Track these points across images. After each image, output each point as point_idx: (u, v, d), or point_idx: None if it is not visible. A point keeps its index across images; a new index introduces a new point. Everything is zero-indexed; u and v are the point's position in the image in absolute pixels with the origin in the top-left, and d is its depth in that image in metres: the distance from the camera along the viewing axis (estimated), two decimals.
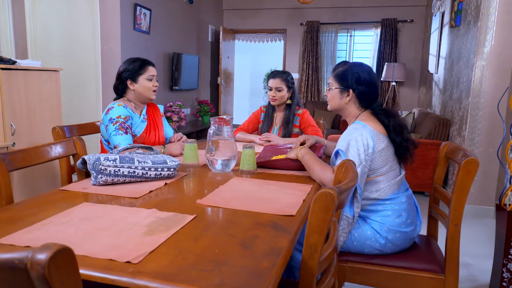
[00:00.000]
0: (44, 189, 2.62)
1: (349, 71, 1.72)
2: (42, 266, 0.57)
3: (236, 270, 0.86)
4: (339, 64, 1.81)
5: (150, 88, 2.06)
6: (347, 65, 1.79)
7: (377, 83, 1.75)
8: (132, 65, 2.04)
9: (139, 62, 2.07)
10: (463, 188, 1.48)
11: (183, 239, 1.01)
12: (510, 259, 2.00)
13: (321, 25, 6.64)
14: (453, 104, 4.15)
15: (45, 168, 2.65)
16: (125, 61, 2.08)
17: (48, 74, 2.63)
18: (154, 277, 0.81)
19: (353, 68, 1.73)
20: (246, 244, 0.99)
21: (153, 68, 2.10)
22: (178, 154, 2.03)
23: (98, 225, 1.08)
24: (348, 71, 1.73)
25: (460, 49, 4.00)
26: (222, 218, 1.17)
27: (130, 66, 2.03)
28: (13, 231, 1.03)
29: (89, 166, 1.45)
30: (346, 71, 1.74)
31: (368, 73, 1.72)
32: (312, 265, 1.01)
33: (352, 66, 1.76)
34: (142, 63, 2.08)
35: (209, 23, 6.54)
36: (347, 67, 1.76)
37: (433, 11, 5.44)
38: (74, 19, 4.21)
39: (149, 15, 4.60)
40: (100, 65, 4.20)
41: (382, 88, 6.51)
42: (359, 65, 1.77)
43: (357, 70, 1.72)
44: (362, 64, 1.79)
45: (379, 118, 1.69)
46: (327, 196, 0.96)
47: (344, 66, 1.79)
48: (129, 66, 2.03)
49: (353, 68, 1.73)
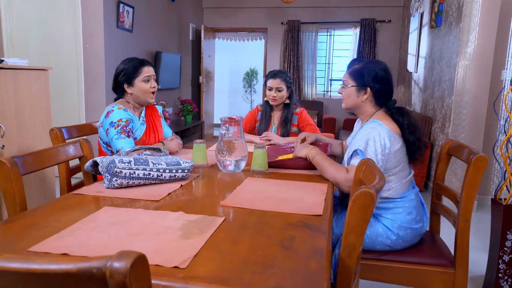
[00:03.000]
0: (35, 193, 2.52)
1: (366, 69, 1.71)
2: (123, 275, 0.56)
3: (286, 273, 0.85)
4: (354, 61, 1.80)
5: (147, 90, 1.97)
6: (363, 62, 1.77)
7: (392, 80, 1.76)
8: (127, 66, 1.95)
9: (133, 63, 1.97)
10: (473, 184, 1.53)
11: (221, 242, 0.99)
12: (505, 251, 2.09)
13: (302, 24, 6.70)
14: (435, 102, 4.28)
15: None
16: (123, 61, 2.01)
17: (37, 74, 2.53)
18: (209, 281, 0.80)
19: (369, 66, 1.72)
20: (286, 245, 0.98)
21: (148, 68, 2.00)
22: (175, 151, 2.04)
23: (129, 229, 1.05)
24: (365, 68, 1.72)
25: (442, 49, 4.13)
26: (251, 219, 1.16)
27: (125, 68, 1.95)
28: (41, 237, 0.98)
29: (102, 168, 1.41)
30: (362, 68, 1.72)
31: (385, 70, 1.72)
32: (350, 265, 1.02)
33: (369, 64, 1.74)
34: (136, 64, 1.97)
35: (190, 22, 6.46)
36: (363, 65, 1.74)
37: (412, 12, 5.59)
38: (53, 16, 4.06)
39: (132, 12, 4.50)
40: (82, 63, 4.07)
41: None
42: (375, 62, 1.76)
43: (374, 68, 1.70)
44: (378, 61, 1.77)
45: (394, 116, 1.70)
46: (367, 195, 0.97)
47: (360, 64, 1.77)
48: (123, 68, 1.95)
49: (370, 66, 1.72)
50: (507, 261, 2.09)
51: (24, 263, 0.58)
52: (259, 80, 8.63)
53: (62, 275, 0.57)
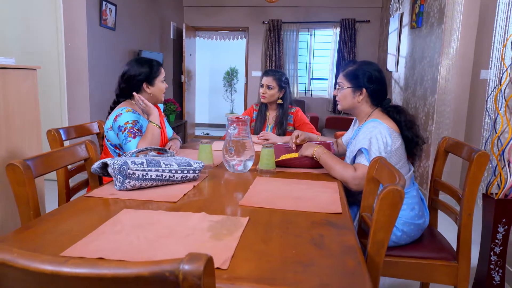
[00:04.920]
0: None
1: (360, 70, 1.77)
2: (198, 277, 0.56)
3: (326, 270, 0.86)
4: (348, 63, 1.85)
5: (163, 90, 2.08)
6: (357, 64, 1.83)
7: (386, 80, 1.82)
8: (145, 68, 1.98)
9: (153, 64, 2.04)
10: (475, 180, 1.59)
11: (253, 242, 1.00)
12: (497, 243, 2.18)
13: (283, 24, 6.73)
14: (417, 101, 4.40)
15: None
16: (132, 63, 2.01)
17: (25, 73, 2.44)
18: (254, 281, 0.80)
19: (364, 67, 1.78)
20: (318, 243, 1.00)
21: (163, 70, 2.11)
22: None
23: (157, 232, 1.03)
24: (359, 69, 1.77)
25: (423, 49, 4.25)
26: (275, 218, 1.17)
27: (145, 69, 1.97)
28: (68, 242, 0.96)
29: (114, 170, 1.38)
30: (357, 70, 1.78)
31: (378, 71, 1.78)
32: (378, 261, 1.04)
33: (363, 65, 1.80)
34: (156, 65, 2.05)
35: (171, 20, 6.38)
36: (358, 66, 1.80)
37: (391, 12, 5.72)
38: (33, 13, 3.92)
39: (115, 10, 4.40)
40: (64, 62, 3.96)
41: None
42: (369, 64, 1.82)
43: (368, 69, 1.76)
44: (371, 62, 1.84)
45: (391, 115, 1.76)
46: (395, 193, 1.00)
47: (354, 65, 1.83)
48: (142, 69, 1.97)
49: (364, 67, 1.78)
50: (498, 252, 2.18)
51: (94, 268, 0.57)
52: (240, 80, 8.61)
53: (134, 279, 0.57)
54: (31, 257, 0.59)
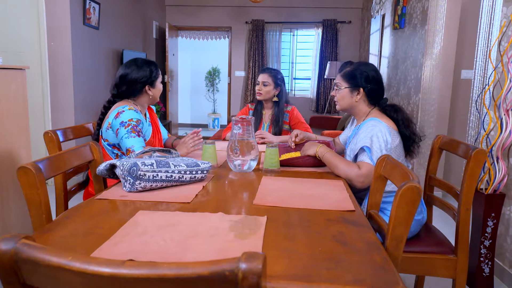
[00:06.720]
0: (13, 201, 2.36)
1: (358, 70, 1.82)
2: (258, 275, 0.57)
3: (357, 266, 0.88)
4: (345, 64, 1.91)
5: (161, 90, 2.08)
6: (354, 64, 1.89)
7: (382, 80, 1.88)
8: (146, 70, 1.97)
9: (153, 66, 2.03)
10: (473, 176, 1.65)
11: (278, 241, 1.01)
12: (486, 237, 2.26)
13: (266, 24, 6.76)
14: (400, 100, 4.51)
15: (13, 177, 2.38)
16: (132, 66, 1.96)
17: (13, 73, 2.37)
18: (291, 279, 0.81)
19: (361, 67, 1.83)
20: (341, 240, 1.02)
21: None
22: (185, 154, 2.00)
23: (182, 233, 1.03)
24: (357, 70, 1.82)
25: (406, 49, 4.36)
26: (292, 217, 1.18)
27: (146, 72, 1.95)
28: (92, 244, 0.94)
29: (123, 172, 1.36)
30: (354, 70, 1.83)
31: (375, 71, 1.84)
32: (397, 256, 1.07)
33: (360, 66, 1.86)
34: (155, 66, 2.05)
35: (153, 19, 6.31)
36: (355, 67, 1.85)
37: (373, 13, 5.84)
38: (12, 11, 3.80)
39: (98, 9, 4.32)
40: (47, 62, 3.85)
41: (325, 86, 6.83)
42: (366, 64, 1.87)
43: (365, 69, 1.82)
44: (368, 63, 1.90)
45: (388, 113, 1.81)
46: (414, 189, 1.03)
47: (352, 66, 1.88)
48: (144, 72, 1.95)
49: (361, 67, 1.83)
50: (488, 245, 2.27)
51: (155, 269, 0.57)
52: (222, 79, 8.59)
53: (195, 279, 0.57)
54: (87, 260, 0.58)
